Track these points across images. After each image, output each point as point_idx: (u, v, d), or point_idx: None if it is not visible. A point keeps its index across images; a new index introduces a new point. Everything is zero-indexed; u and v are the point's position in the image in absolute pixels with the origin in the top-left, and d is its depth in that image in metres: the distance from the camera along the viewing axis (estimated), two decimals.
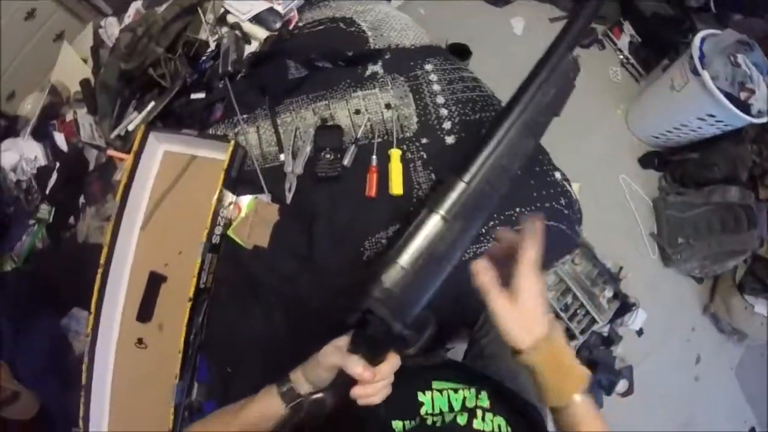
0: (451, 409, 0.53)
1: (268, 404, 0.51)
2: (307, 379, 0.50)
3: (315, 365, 0.50)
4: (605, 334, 1.75)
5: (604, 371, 1.67)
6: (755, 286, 1.75)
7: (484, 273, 0.43)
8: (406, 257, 0.42)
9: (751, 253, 1.73)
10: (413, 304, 0.44)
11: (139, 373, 0.85)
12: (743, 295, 1.78)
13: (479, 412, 0.50)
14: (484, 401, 0.53)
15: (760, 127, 1.66)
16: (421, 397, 0.54)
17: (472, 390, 0.54)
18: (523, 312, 0.43)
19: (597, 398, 1.70)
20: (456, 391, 0.54)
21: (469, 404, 0.52)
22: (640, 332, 1.83)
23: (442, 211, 0.42)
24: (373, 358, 0.45)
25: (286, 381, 0.51)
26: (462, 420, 0.49)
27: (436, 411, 0.52)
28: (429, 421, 0.51)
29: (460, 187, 0.43)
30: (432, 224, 0.42)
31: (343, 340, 0.48)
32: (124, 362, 0.86)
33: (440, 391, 0.54)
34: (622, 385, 1.74)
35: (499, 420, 0.50)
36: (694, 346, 1.93)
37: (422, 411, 0.52)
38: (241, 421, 0.52)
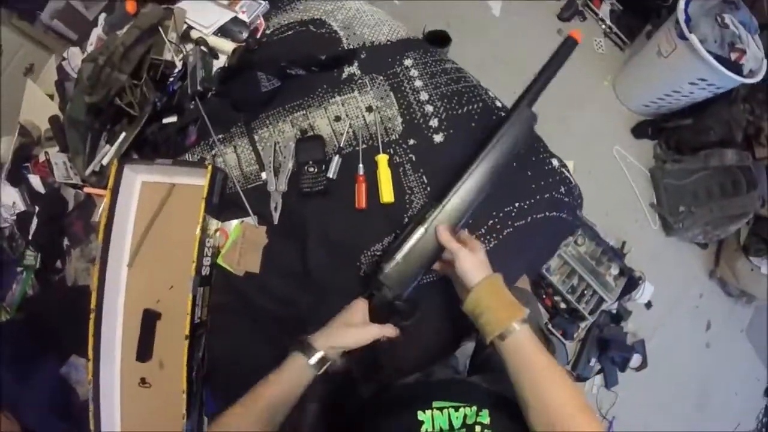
0: (451, 427, 0.53)
1: (298, 375, 0.61)
2: (333, 346, 0.62)
3: (343, 333, 0.64)
4: (614, 311, 1.74)
5: (616, 348, 1.67)
6: (760, 246, 1.74)
7: (444, 233, 0.64)
8: (400, 254, 0.64)
9: (753, 214, 1.72)
10: (405, 285, 0.65)
11: (147, 413, 0.82)
12: (748, 257, 1.77)
13: (478, 428, 0.51)
14: (485, 418, 0.53)
15: (750, 86, 1.63)
16: (421, 416, 0.54)
17: (474, 408, 0.55)
18: (476, 260, 0.62)
19: (612, 376, 1.69)
20: (457, 409, 0.55)
21: (469, 421, 0.53)
22: (648, 305, 1.83)
23: (424, 225, 0.65)
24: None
25: (311, 351, 0.62)
26: None
27: (437, 429, 0.53)
28: None
29: (438, 208, 0.66)
30: (418, 235, 0.65)
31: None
32: (130, 404, 0.83)
33: (440, 409, 0.55)
34: (635, 360, 1.74)
35: None
36: (704, 312, 1.93)
37: (422, 430, 0.53)
38: (268, 400, 0.60)
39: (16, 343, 0.97)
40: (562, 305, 1.58)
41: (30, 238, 1.04)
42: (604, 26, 1.99)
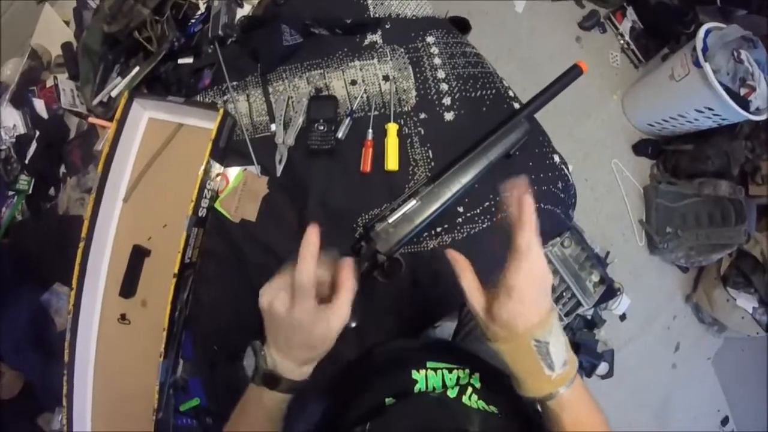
0: (444, 387, 0.52)
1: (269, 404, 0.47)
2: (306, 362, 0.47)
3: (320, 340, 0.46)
4: (589, 317, 1.78)
5: (586, 353, 1.72)
6: (738, 279, 1.79)
7: (462, 268, 0.47)
8: (393, 217, 0.67)
9: (736, 247, 1.76)
10: (391, 245, 0.66)
11: (123, 350, 0.83)
12: (726, 287, 1.82)
13: (469, 390, 0.49)
14: (477, 382, 0.52)
15: (755, 124, 1.66)
16: (415, 375, 0.53)
17: (467, 370, 0.54)
18: (518, 305, 0.42)
19: None
20: (450, 371, 0.54)
21: (462, 382, 0.52)
22: (623, 317, 1.87)
23: (416, 197, 0.68)
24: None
25: (278, 383, 0.46)
26: (452, 393, 0.49)
27: (430, 389, 0.52)
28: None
29: (431, 186, 0.69)
30: (410, 204, 0.67)
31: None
32: (107, 339, 0.83)
33: (435, 370, 0.54)
34: (602, 368, 1.79)
35: (483, 404, 0.49)
36: (675, 334, 1.98)
37: (416, 389, 0.52)
38: None
39: None
40: None
41: (26, 162, 1.03)
42: (622, 41, 2.00)
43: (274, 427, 0.47)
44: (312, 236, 0.45)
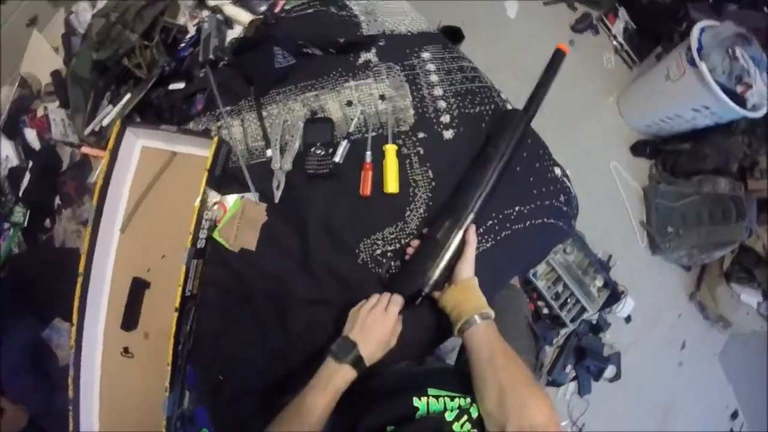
0: (444, 410, 0.55)
1: (343, 386, 0.62)
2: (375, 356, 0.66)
3: (387, 343, 0.67)
4: (594, 322, 1.77)
5: (593, 358, 1.71)
6: (742, 275, 1.79)
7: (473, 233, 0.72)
8: (437, 272, 0.71)
9: (738, 243, 1.76)
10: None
11: (127, 384, 0.82)
12: (729, 284, 1.82)
13: (464, 417, 0.53)
14: (475, 412, 0.55)
15: (751, 120, 1.66)
16: (416, 402, 0.56)
17: (468, 399, 0.57)
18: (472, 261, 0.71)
19: (585, 384, 1.73)
20: (452, 399, 0.57)
21: (462, 409, 0.55)
22: (628, 319, 1.87)
23: (450, 241, 0.72)
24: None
25: (361, 366, 0.63)
26: (449, 417, 0.53)
27: (430, 413, 0.55)
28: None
29: (470, 217, 0.73)
30: (450, 254, 0.72)
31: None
32: (111, 373, 0.82)
33: (436, 397, 0.57)
34: (610, 371, 1.78)
35: None
36: (680, 332, 1.97)
37: (417, 415, 0.55)
38: (321, 412, 0.60)
39: None
40: (545, 311, 1.61)
41: (20, 194, 1.01)
42: (615, 43, 2.00)
43: (335, 401, 0.61)
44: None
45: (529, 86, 0.77)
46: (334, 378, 0.62)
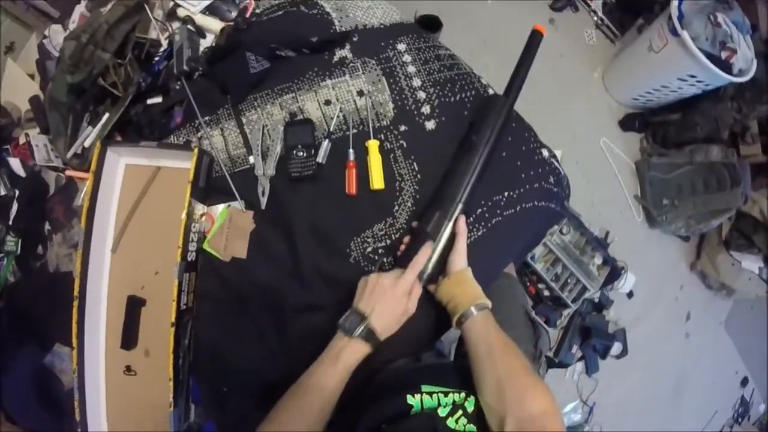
0: (438, 406, 0.55)
1: (355, 362, 0.60)
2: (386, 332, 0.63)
3: (399, 318, 0.64)
4: (597, 300, 1.77)
5: (598, 336, 1.71)
6: (741, 242, 1.79)
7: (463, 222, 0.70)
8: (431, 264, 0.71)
9: (735, 210, 1.76)
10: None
11: (133, 402, 0.82)
12: (729, 251, 1.82)
13: (459, 412, 0.53)
14: (470, 406, 0.55)
15: (738, 85, 1.65)
16: (410, 400, 0.56)
17: (462, 394, 0.56)
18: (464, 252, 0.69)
19: (593, 363, 1.74)
20: (446, 394, 0.56)
21: (456, 404, 0.55)
22: (630, 295, 1.87)
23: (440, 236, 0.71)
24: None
25: (374, 339, 0.61)
26: (443, 413, 0.53)
27: (425, 409, 0.55)
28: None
29: (459, 207, 0.72)
30: (441, 244, 0.71)
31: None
32: (116, 392, 0.82)
33: (430, 394, 0.56)
34: (616, 348, 1.79)
35: (471, 427, 0.52)
36: (684, 303, 1.98)
37: (412, 413, 0.55)
38: (330, 393, 0.58)
39: None
40: (546, 293, 1.61)
41: (10, 223, 1.01)
42: (596, 18, 1.99)
43: (346, 377, 0.59)
44: (422, 257, 0.67)
45: (511, 68, 0.76)
46: (344, 353, 0.59)
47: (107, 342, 0.83)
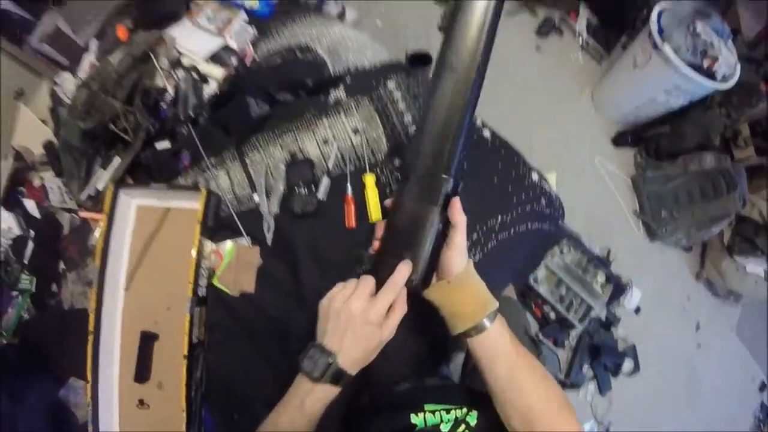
0: (440, 422, 0.55)
1: (324, 405, 0.53)
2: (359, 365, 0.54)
3: (375, 348, 0.54)
4: (604, 318, 1.76)
5: (608, 354, 1.69)
6: (744, 246, 1.79)
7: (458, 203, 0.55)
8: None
9: (734, 215, 1.76)
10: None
11: None
12: (733, 257, 1.81)
13: (462, 427, 0.53)
14: (473, 420, 0.54)
15: (726, 90, 1.69)
16: (414, 419, 0.56)
17: (464, 409, 0.56)
18: (463, 248, 0.55)
19: (605, 382, 1.71)
20: (448, 411, 0.56)
21: (459, 419, 0.55)
22: (637, 310, 1.86)
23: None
24: None
25: (344, 378, 0.52)
26: (445, 428, 0.53)
27: (428, 427, 0.55)
28: None
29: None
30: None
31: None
32: (130, 426, 0.84)
33: (432, 412, 0.56)
34: (627, 365, 1.76)
35: None
36: (692, 314, 1.96)
37: (415, 431, 0.55)
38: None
39: (12, 367, 0.98)
40: (552, 315, 1.61)
41: (26, 262, 1.05)
42: (581, 40, 2.05)
43: (314, 424, 0.53)
44: (399, 278, 0.54)
45: (497, 96, 0.79)
46: (309, 399, 0.51)
47: (121, 376, 0.85)
